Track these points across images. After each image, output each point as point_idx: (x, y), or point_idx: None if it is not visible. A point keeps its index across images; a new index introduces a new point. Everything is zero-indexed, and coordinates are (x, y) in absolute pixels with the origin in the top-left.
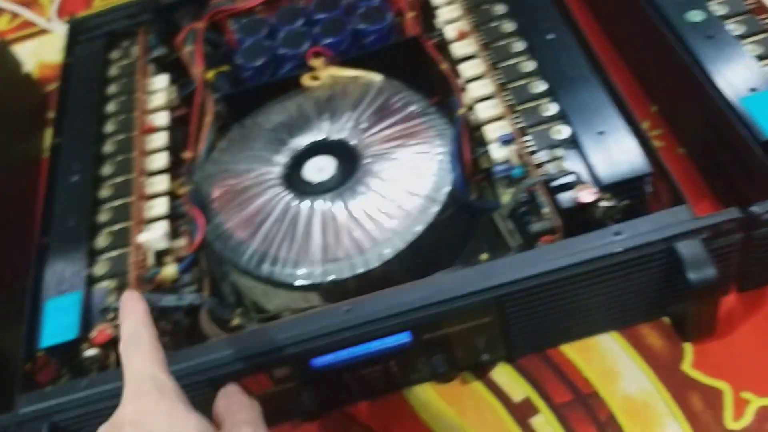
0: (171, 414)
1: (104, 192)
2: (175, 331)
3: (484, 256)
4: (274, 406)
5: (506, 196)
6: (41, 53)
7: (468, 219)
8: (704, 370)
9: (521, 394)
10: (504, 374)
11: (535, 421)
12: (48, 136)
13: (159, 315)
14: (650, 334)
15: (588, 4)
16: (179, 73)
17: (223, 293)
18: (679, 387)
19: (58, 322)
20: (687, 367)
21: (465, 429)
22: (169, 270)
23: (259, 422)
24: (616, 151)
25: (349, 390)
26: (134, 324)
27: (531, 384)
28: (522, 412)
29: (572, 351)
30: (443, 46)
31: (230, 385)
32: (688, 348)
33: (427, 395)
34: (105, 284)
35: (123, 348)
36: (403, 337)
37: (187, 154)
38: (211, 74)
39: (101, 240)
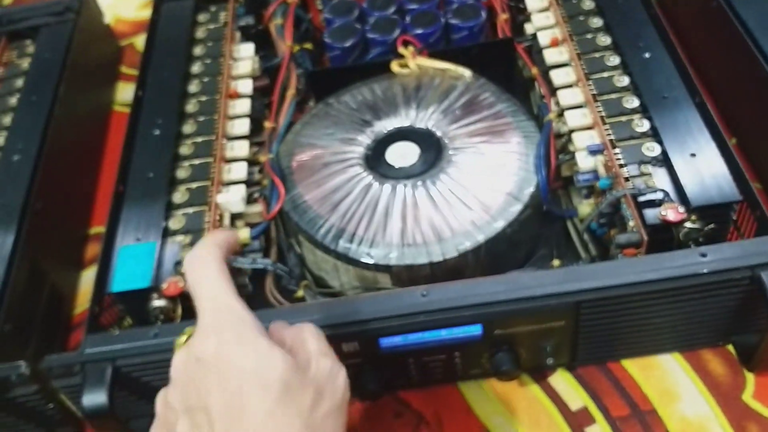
0: (256, 349)
1: (184, 149)
2: (240, 296)
3: (556, 262)
4: None
5: (583, 206)
6: (118, 8)
7: (542, 224)
8: (765, 402)
9: (579, 403)
10: (563, 381)
11: (591, 431)
12: (120, 89)
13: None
14: (713, 359)
15: (673, 30)
16: (261, 45)
17: (288, 264)
18: (738, 416)
19: (130, 270)
20: (748, 397)
21: (518, 430)
22: (242, 233)
23: (330, 351)
24: (707, 175)
25: (408, 375)
26: (204, 246)
27: (589, 394)
28: (578, 421)
29: (633, 366)
30: (531, 52)
31: (278, 321)
32: (751, 378)
33: (483, 391)
34: (179, 239)
35: (188, 268)
36: (474, 330)
37: (267, 124)
38: (296, 49)
39: (179, 196)
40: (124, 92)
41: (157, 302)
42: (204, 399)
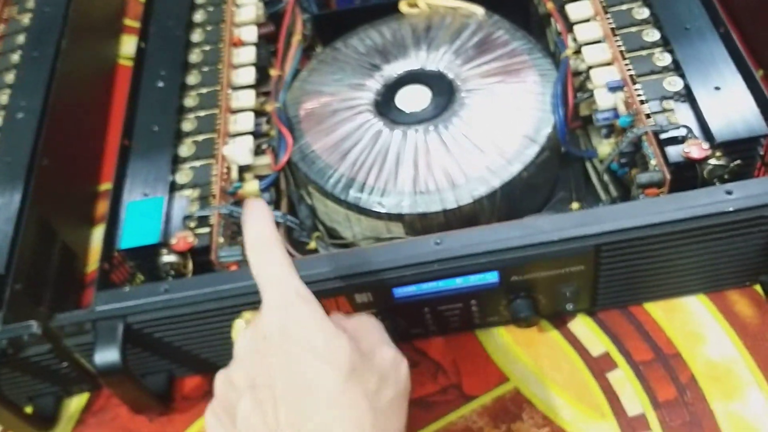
0: (323, 329)
1: (189, 101)
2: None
3: (575, 205)
4: None
5: (603, 146)
6: None
7: (560, 166)
8: None
9: (600, 348)
10: (584, 326)
11: (613, 376)
12: (125, 42)
13: (238, 230)
14: (740, 300)
15: None
16: None
17: (299, 216)
18: (765, 357)
19: (139, 225)
20: None
21: (538, 376)
22: (251, 186)
23: (391, 342)
24: (732, 109)
25: (424, 324)
26: (263, 228)
27: (611, 339)
28: (600, 366)
29: (657, 310)
30: None
31: (337, 313)
32: None
33: (503, 338)
34: (187, 193)
35: (251, 252)
36: (491, 277)
37: (273, 72)
38: None
39: (185, 149)
40: (129, 45)
41: (167, 257)
42: (270, 376)
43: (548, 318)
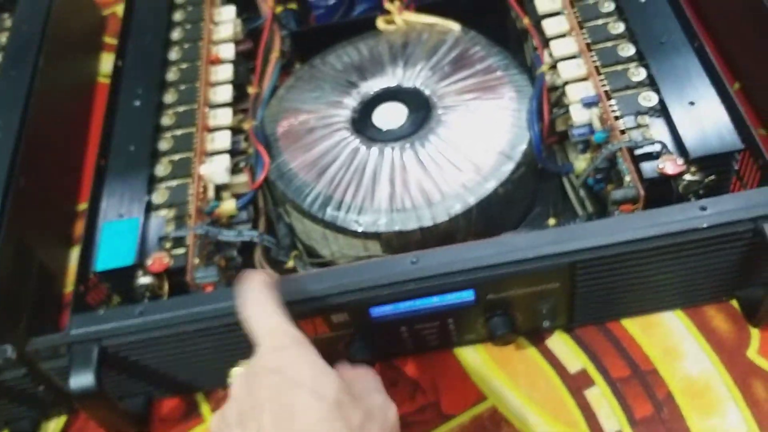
0: (314, 366)
1: (166, 120)
2: (228, 268)
3: (551, 221)
4: (324, 351)
5: (579, 161)
6: None
7: (537, 181)
8: None
9: (578, 365)
10: (561, 343)
11: (590, 393)
12: (104, 60)
13: (214, 250)
14: (717, 316)
15: None
16: (243, 7)
17: (278, 235)
18: (742, 373)
19: (114, 247)
20: (753, 353)
21: (516, 393)
22: (228, 205)
23: (384, 391)
24: (707, 124)
25: (401, 343)
26: (256, 285)
27: (588, 356)
28: (577, 383)
29: (634, 326)
30: (524, 1)
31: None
32: (756, 334)
33: (480, 356)
34: (163, 213)
35: (245, 308)
36: (467, 295)
37: (251, 90)
38: (279, 9)
39: (161, 168)
40: (109, 63)
41: (143, 279)
42: (258, 408)
43: (526, 335)
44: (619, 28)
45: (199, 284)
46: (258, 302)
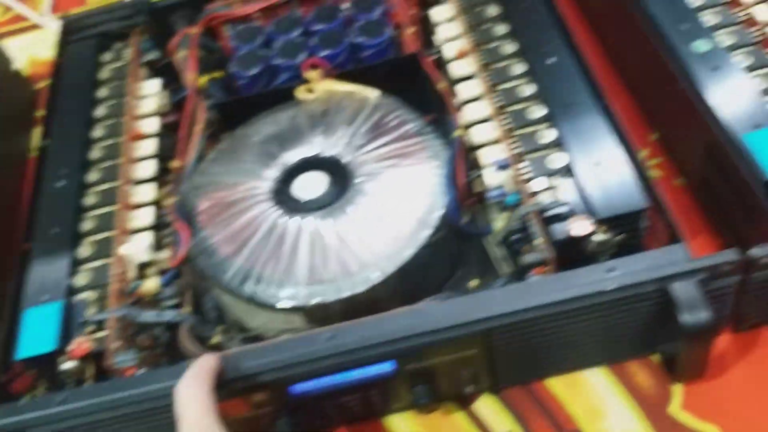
0: None
1: (89, 199)
2: (155, 346)
3: (474, 282)
4: (254, 428)
5: (499, 221)
6: (33, 49)
7: (458, 243)
8: (693, 412)
9: (504, 428)
10: (487, 406)
11: None
12: (36, 135)
13: (139, 330)
14: (639, 372)
15: (592, 28)
16: (171, 78)
17: (204, 309)
18: (666, 430)
19: (36, 333)
20: (675, 408)
21: None
22: (151, 283)
23: None
24: (613, 184)
25: (327, 416)
26: (198, 369)
27: (515, 417)
28: None
29: (558, 385)
30: (442, 63)
31: None
32: (678, 389)
33: (408, 424)
34: (85, 295)
35: (178, 388)
36: (386, 367)
37: (175, 163)
38: (203, 80)
39: (84, 249)
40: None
41: (67, 365)
42: None
43: (453, 399)
44: (530, 90)
45: (118, 369)
46: (191, 386)
